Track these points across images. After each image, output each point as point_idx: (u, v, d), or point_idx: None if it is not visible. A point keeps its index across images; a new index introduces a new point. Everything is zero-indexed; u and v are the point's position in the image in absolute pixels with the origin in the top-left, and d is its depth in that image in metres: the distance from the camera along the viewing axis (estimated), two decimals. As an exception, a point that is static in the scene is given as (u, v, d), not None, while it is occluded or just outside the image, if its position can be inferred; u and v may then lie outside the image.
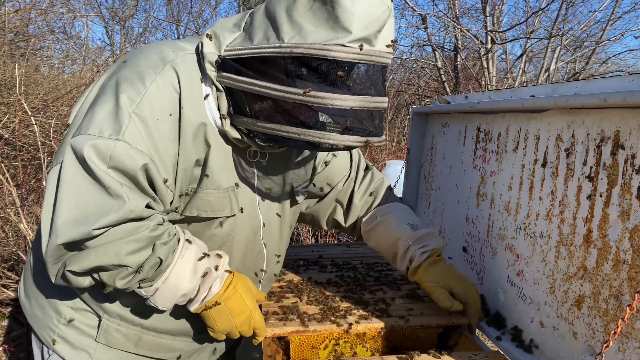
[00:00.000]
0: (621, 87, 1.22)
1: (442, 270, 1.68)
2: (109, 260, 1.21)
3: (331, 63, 1.18)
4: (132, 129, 1.23)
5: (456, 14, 8.03)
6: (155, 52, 1.33)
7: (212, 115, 1.34)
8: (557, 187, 1.45)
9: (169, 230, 1.31)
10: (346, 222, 1.90)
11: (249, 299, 1.43)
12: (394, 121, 11.61)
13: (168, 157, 1.29)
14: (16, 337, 3.20)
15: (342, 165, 1.85)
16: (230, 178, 1.43)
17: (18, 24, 6.16)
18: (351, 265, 2.21)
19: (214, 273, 1.37)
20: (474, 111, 1.97)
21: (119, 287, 1.26)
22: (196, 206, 1.40)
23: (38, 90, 5.19)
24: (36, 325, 1.51)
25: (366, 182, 1.89)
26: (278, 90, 1.20)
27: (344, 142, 1.22)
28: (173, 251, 1.31)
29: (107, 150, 1.20)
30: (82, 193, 1.20)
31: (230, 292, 1.40)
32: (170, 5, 13.46)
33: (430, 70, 10.19)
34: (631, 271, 1.17)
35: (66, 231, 1.18)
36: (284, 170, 1.56)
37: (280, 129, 1.24)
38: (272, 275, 1.71)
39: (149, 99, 1.25)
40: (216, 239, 1.48)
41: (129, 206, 1.20)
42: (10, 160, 4.56)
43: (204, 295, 1.37)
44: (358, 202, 1.87)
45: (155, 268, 1.28)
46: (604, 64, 9.48)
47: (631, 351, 1.17)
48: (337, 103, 1.18)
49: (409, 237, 1.72)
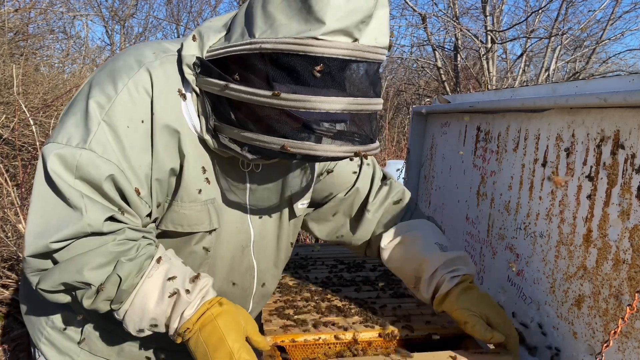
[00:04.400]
0: (621, 86, 1.22)
1: (477, 298, 1.43)
2: (70, 276, 1.13)
3: (304, 60, 1.04)
4: (101, 137, 1.15)
5: (456, 13, 8.03)
6: (135, 54, 1.25)
7: (191, 122, 1.24)
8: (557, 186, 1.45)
9: (138, 246, 1.19)
10: (355, 235, 1.67)
11: (232, 332, 1.18)
12: (394, 121, 11.61)
13: (140, 167, 1.20)
14: (16, 337, 3.19)
15: (344, 173, 1.64)
16: (209, 190, 1.31)
17: (18, 24, 6.16)
18: (352, 266, 2.20)
19: (183, 297, 1.18)
20: (474, 111, 1.97)
21: (86, 307, 1.17)
22: (171, 220, 1.29)
23: (38, 89, 5.19)
24: (30, 326, 1.51)
25: (383, 193, 1.66)
26: (245, 92, 1.08)
27: (323, 152, 1.08)
28: (139, 269, 1.17)
29: (72, 159, 1.13)
30: (48, 204, 1.14)
31: (205, 319, 1.18)
32: (170, 5, 13.45)
33: (430, 70, 10.19)
34: (631, 271, 1.17)
35: (31, 244, 1.13)
36: (280, 179, 1.42)
37: (255, 138, 1.11)
38: (266, 292, 1.56)
39: (120, 105, 1.17)
40: (196, 256, 1.36)
41: (87, 219, 1.12)
42: (9, 160, 4.56)
43: (177, 322, 1.18)
44: (372, 215, 1.64)
45: (117, 286, 1.15)
46: (604, 63, 9.48)
47: (631, 351, 1.17)
48: (312, 106, 1.04)
49: (437, 259, 1.48)
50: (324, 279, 2.00)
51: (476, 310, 1.40)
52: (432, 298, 1.50)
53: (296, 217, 1.54)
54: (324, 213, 1.68)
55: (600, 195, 1.27)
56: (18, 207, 3.36)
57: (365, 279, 2.02)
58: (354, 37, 1.06)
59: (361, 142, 1.15)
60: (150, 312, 1.18)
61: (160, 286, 1.19)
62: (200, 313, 1.19)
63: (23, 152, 4.64)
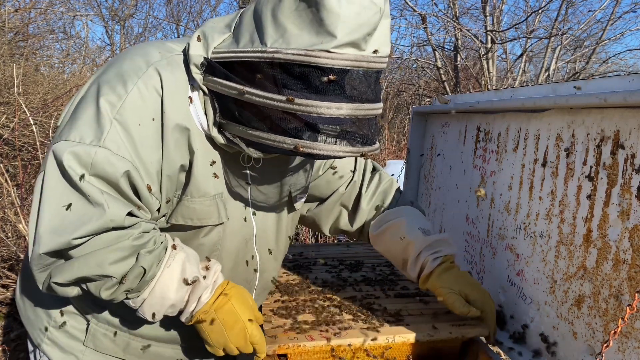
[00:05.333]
0: (621, 86, 1.22)
1: (457, 276, 1.57)
2: (91, 270, 1.17)
3: (315, 70, 1.10)
4: (114, 135, 1.19)
5: (456, 13, 8.03)
6: (141, 53, 1.29)
7: (198, 120, 1.29)
8: (557, 186, 1.45)
9: (154, 238, 1.26)
10: (353, 227, 1.80)
11: (244, 310, 1.33)
12: (394, 121, 11.61)
13: (151, 164, 1.25)
14: (16, 337, 3.20)
15: (345, 168, 1.77)
16: (217, 185, 1.37)
17: (18, 24, 6.16)
18: (353, 266, 2.20)
19: (202, 282, 1.30)
20: (474, 111, 1.97)
21: (104, 298, 1.22)
22: (181, 214, 1.34)
23: (38, 89, 5.19)
24: (29, 326, 1.51)
25: (374, 184, 1.80)
26: (261, 97, 1.14)
27: (330, 152, 1.16)
28: (159, 260, 1.25)
29: (87, 157, 1.16)
30: (63, 201, 1.17)
31: (221, 302, 1.31)
32: (170, 5, 13.46)
33: (430, 70, 10.18)
34: (631, 271, 1.17)
35: (47, 240, 1.15)
36: (280, 174, 1.49)
37: (266, 137, 1.18)
38: (267, 284, 1.65)
39: (131, 103, 1.21)
40: (204, 248, 1.42)
41: (109, 215, 1.16)
42: (9, 160, 4.56)
43: (194, 305, 1.30)
44: (365, 205, 1.77)
45: (140, 278, 1.22)
46: (604, 63, 9.48)
47: (631, 351, 1.17)
48: (322, 111, 1.11)
49: (421, 242, 1.62)
50: (324, 279, 2.00)
51: (455, 287, 1.54)
52: (418, 277, 1.64)
53: (295, 211, 1.61)
54: (327, 208, 1.79)
55: (600, 195, 1.27)
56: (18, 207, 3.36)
57: (367, 279, 2.02)
58: (361, 48, 1.12)
59: (364, 143, 1.22)
60: (170, 299, 1.27)
61: (179, 274, 1.27)
62: (216, 296, 1.31)
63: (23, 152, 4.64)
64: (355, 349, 1.47)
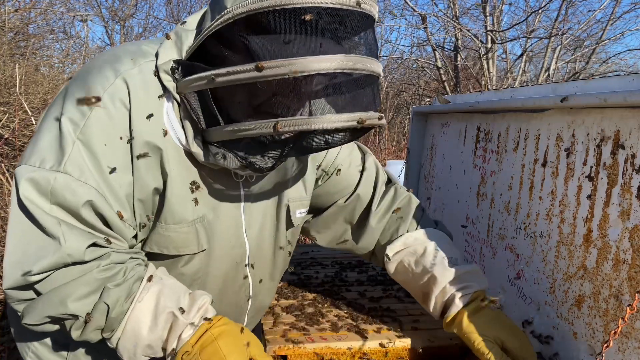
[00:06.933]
0: (621, 86, 1.22)
1: (491, 319, 1.33)
2: (54, 309, 1.03)
3: (281, 15, 0.91)
4: (76, 158, 1.04)
5: (456, 13, 8.04)
6: (111, 60, 1.12)
7: (175, 135, 1.12)
8: (557, 186, 1.45)
9: (124, 269, 1.10)
10: (358, 247, 1.58)
11: (232, 350, 1.10)
12: (393, 121, 11.61)
13: (120, 187, 1.09)
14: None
15: (348, 179, 1.55)
16: (199, 208, 1.19)
17: (18, 24, 6.16)
18: (353, 266, 2.20)
19: (180, 318, 1.09)
20: (474, 111, 1.97)
21: (75, 338, 1.08)
22: (156, 242, 1.19)
23: (38, 89, 5.19)
24: (17, 340, 1.43)
25: (387, 200, 1.54)
26: (230, 74, 0.95)
27: (322, 124, 0.94)
28: (128, 294, 1.08)
29: (46, 184, 1.03)
30: (24, 232, 1.04)
31: (204, 340, 1.10)
32: (170, 5, 13.46)
33: (430, 70, 10.19)
34: (631, 271, 1.17)
35: (9, 275, 1.04)
36: (277, 187, 1.34)
37: (243, 128, 0.99)
38: (261, 307, 1.48)
39: (95, 121, 1.05)
40: (185, 278, 1.25)
41: (66, 249, 1.02)
42: (10, 160, 4.56)
43: (174, 344, 1.10)
44: (375, 224, 1.52)
45: (105, 315, 1.06)
46: (604, 63, 9.49)
47: (631, 351, 1.17)
48: (300, 68, 0.89)
49: (446, 275, 1.38)
50: (324, 280, 2.00)
51: (490, 334, 1.30)
52: (441, 315, 1.41)
53: (294, 227, 1.44)
54: (324, 220, 1.59)
55: (600, 195, 1.27)
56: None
57: (367, 279, 2.02)
58: None
59: (362, 108, 0.99)
60: (144, 338, 1.10)
61: (152, 310, 1.10)
62: (199, 334, 1.11)
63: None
64: (355, 352, 1.48)
